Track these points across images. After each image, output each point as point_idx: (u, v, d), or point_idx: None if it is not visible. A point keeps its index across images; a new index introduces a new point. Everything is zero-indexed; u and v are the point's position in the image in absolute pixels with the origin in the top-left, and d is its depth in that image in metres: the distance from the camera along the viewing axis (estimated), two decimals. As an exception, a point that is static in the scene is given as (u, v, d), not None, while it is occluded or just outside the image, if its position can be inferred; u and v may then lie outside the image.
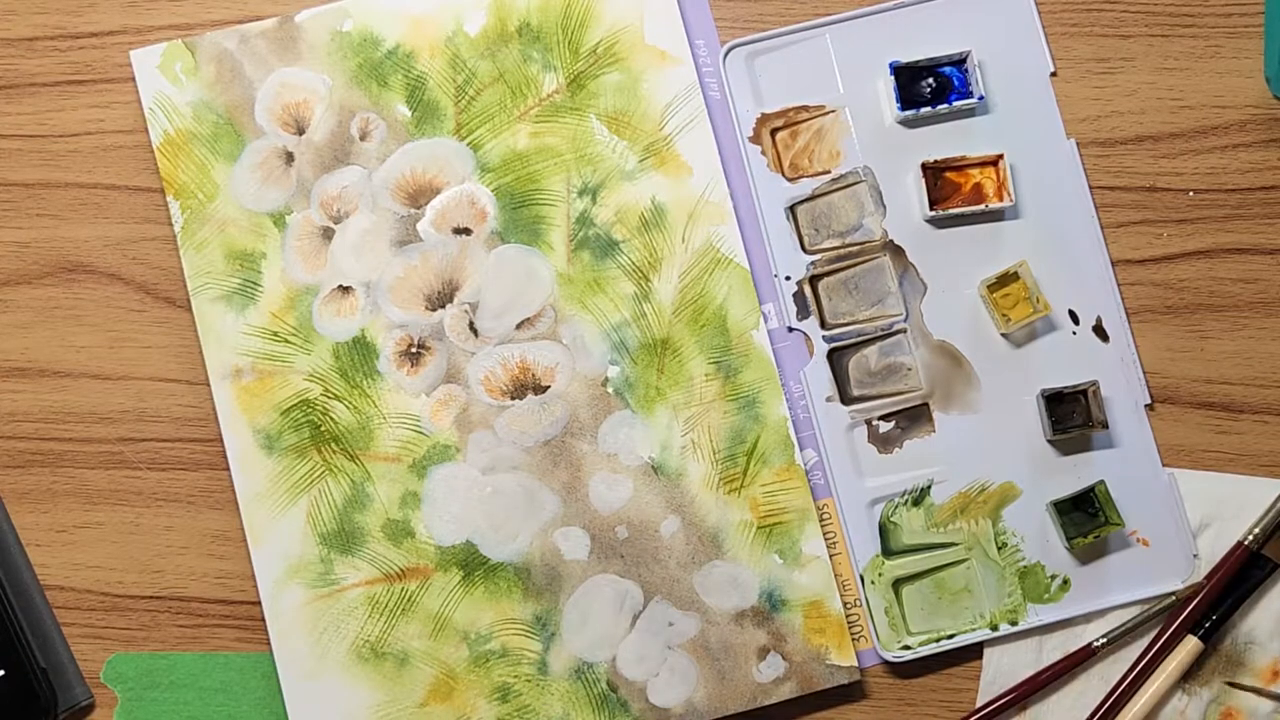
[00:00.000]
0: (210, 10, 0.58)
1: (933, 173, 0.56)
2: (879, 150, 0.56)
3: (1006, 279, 0.55)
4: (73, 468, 0.56)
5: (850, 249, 0.56)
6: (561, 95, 0.56)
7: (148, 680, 0.55)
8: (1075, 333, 0.56)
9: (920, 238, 0.56)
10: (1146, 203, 0.57)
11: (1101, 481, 0.54)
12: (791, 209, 0.56)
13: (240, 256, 0.56)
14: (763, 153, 0.56)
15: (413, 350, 0.55)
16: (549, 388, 0.55)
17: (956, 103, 0.56)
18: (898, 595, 0.54)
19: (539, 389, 0.55)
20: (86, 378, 0.56)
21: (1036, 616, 0.54)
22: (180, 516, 0.56)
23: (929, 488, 0.55)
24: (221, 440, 0.55)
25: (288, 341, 0.55)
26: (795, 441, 0.55)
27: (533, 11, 0.56)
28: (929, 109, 0.56)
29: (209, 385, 0.55)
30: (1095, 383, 0.54)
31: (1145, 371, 0.56)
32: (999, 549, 0.55)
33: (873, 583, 0.54)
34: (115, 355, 0.56)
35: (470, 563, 0.54)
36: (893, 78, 0.55)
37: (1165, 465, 0.55)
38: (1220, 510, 0.55)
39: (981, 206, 0.55)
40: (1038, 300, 0.54)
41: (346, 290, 0.56)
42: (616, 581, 0.54)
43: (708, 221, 0.56)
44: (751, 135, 0.57)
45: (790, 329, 0.56)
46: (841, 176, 0.56)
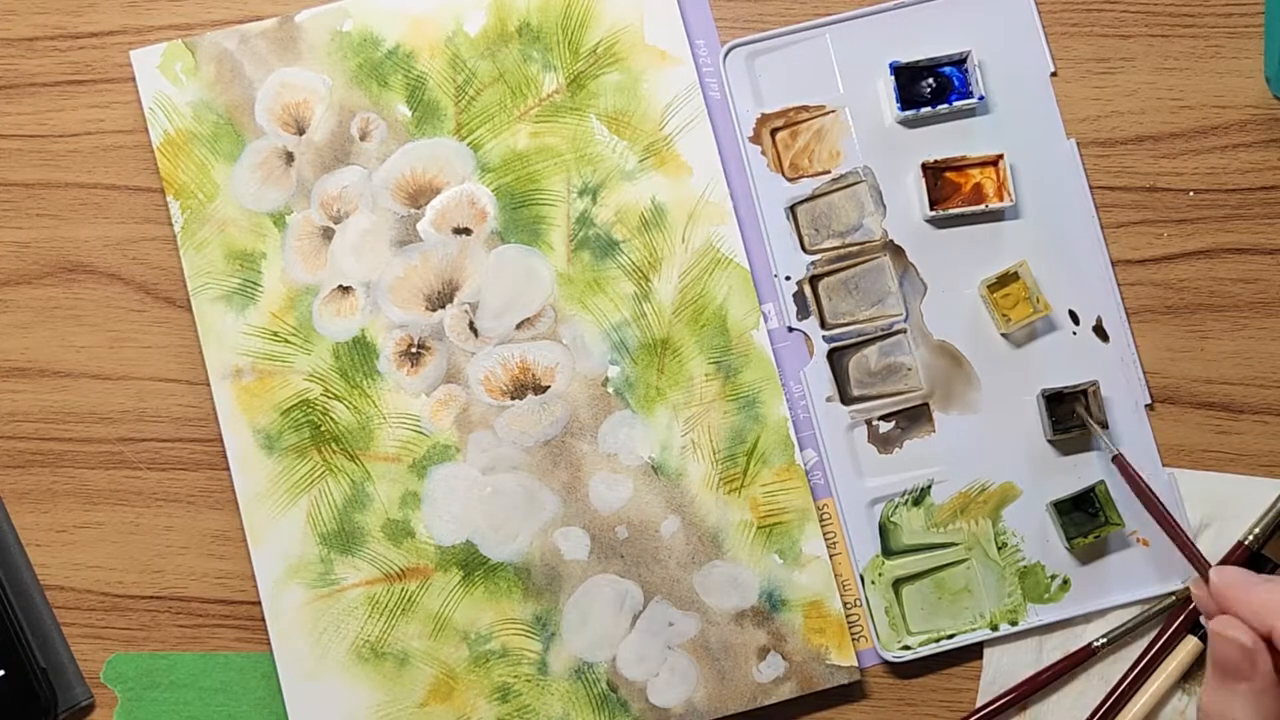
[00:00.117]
0: (210, 10, 0.58)
1: (933, 173, 0.56)
2: (879, 150, 0.56)
3: (1006, 279, 0.55)
4: (73, 468, 0.56)
5: (850, 249, 0.56)
6: (561, 95, 0.56)
7: (148, 680, 0.55)
8: (1075, 333, 0.56)
9: (920, 238, 0.56)
10: (1146, 203, 0.56)
11: (1101, 481, 0.54)
12: (791, 209, 0.56)
13: (240, 256, 0.56)
14: (763, 153, 0.56)
15: (413, 350, 0.55)
16: (549, 388, 0.55)
17: (956, 103, 0.56)
18: (898, 595, 0.54)
19: (539, 389, 0.55)
20: (86, 378, 0.56)
21: (1036, 616, 0.54)
22: (180, 516, 0.56)
23: (929, 488, 0.55)
24: (221, 440, 0.55)
25: (288, 341, 0.55)
26: (795, 441, 0.55)
27: (533, 11, 0.56)
28: (929, 109, 0.56)
29: (209, 385, 0.55)
30: (1095, 383, 0.54)
31: (1145, 371, 0.56)
32: (999, 549, 0.55)
33: (873, 583, 0.54)
34: (115, 355, 0.56)
35: (470, 563, 0.54)
36: (893, 78, 0.55)
37: (1165, 465, 0.55)
38: (1220, 510, 0.55)
39: (981, 206, 0.55)
40: (1038, 300, 0.54)
41: (346, 290, 0.56)
42: (616, 581, 0.54)
43: (708, 221, 0.56)
44: (751, 135, 0.57)
45: (790, 329, 0.56)
46: (841, 176, 0.56)
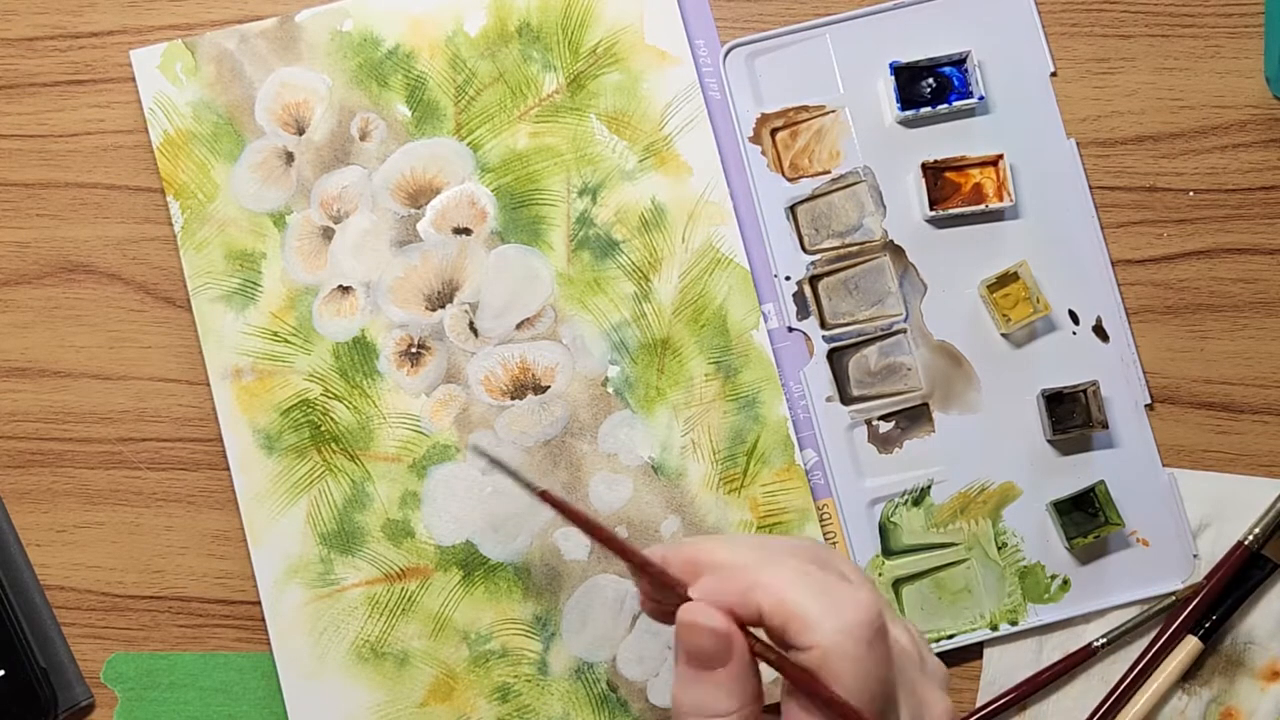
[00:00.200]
0: (210, 10, 0.58)
1: (933, 173, 0.56)
2: (879, 150, 0.56)
3: (1006, 279, 0.55)
4: (73, 468, 0.56)
5: (850, 249, 0.56)
6: (561, 95, 0.56)
7: (148, 680, 0.55)
8: (1075, 333, 0.56)
9: (920, 238, 0.56)
10: (1146, 203, 0.56)
11: (1101, 481, 0.54)
12: (791, 209, 0.56)
13: (240, 256, 0.56)
14: (763, 153, 0.56)
15: (413, 350, 0.55)
16: (549, 388, 0.55)
17: (956, 103, 0.56)
18: (898, 595, 0.54)
19: (539, 389, 0.55)
20: (86, 378, 0.56)
21: (1036, 616, 0.54)
22: (180, 516, 0.56)
23: (929, 488, 0.55)
24: (221, 440, 0.55)
25: (288, 341, 0.55)
26: (795, 441, 0.55)
27: (533, 11, 0.56)
28: (929, 109, 0.56)
29: (209, 385, 0.55)
30: (1095, 383, 0.54)
31: (1145, 371, 0.56)
32: (999, 549, 0.55)
33: (873, 583, 0.54)
34: (115, 355, 0.56)
35: (470, 563, 0.54)
36: (893, 78, 0.55)
37: (1165, 465, 0.55)
38: (1220, 510, 0.55)
39: (981, 206, 0.55)
40: (1038, 300, 0.54)
41: (346, 290, 0.56)
42: (617, 582, 0.54)
43: (708, 221, 0.56)
44: (751, 135, 0.57)
45: (790, 329, 0.56)
46: (841, 176, 0.56)
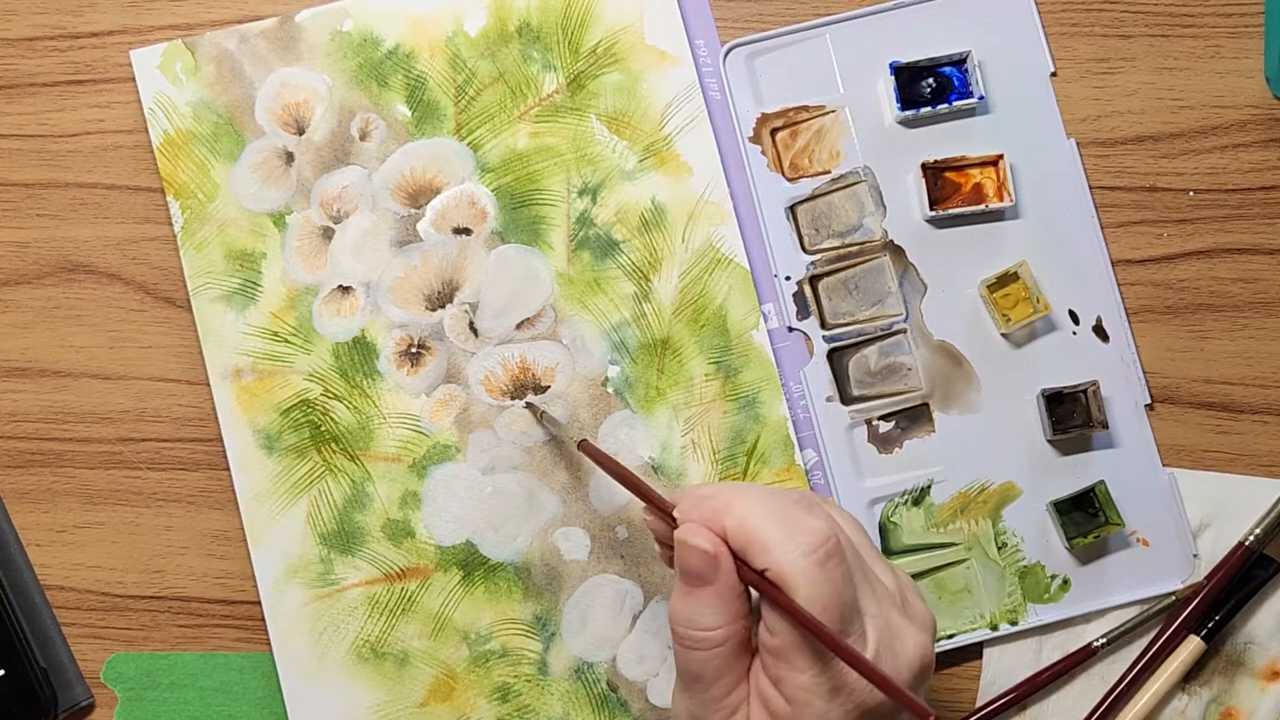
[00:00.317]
0: (210, 10, 0.58)
1: (933, 173, 0.56)
2: (879, 150, 0.56)
3: (1006, 279, 0.55)
4: (73, 468, 0.56)
5: (850, 249, 0.56)
6: (561, 95, 0.56)
7: (148, 680, 0.55)
8: (1075, 333, 0.56)
9: (920, 238, 0.56)
10: (1146, 203, 0.56)
11: (1101, 481, 0.54)
12: (791, 209, 0.56)
13: (240, 256, 0.56)
14: (763, 153, 0.56)
15: (413, 350, 0.55)
16: (549, 388, 0.55)
17: (956, 103, 0.56)
18: (898, 595, 0.54)
19: (539, 389, 0.55)
20: (86, 378, 0.56)
21: (1036, 616, 0.54)
22: (180, 516, 0.56)
23: (929, 488, 0.55)
24: (221, 440, 0.55)
25: (288, 341, 0.55)
26: (795, 441, 0.55)
27: (533, 11, 0.56)
28: (929, 109, 0.56)
29: (209, 385, 0.55)
30: (1095, 383, 0.54)
31: (1145, 371, 0.56)
32: (999, 549, 0.55)
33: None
34: (115, 355, 0.56)
35: (470, 563, 0.54)
36: (893, 78, 0.55)
37: (1165, 465, 0.55)
38: (1220, 510, 0.55)
39: (981, 206, 0.55)
40: (1038, 300, 0.54)
41: (346, 290, 0.56)
42: (616, 581, 0.54)
43: (708, 221, 0.56)
44: (751, 135, 0.57)
45: (790, 329, 0.56)
46: (841, 176, 0.56)
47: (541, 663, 0.54)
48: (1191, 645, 0.53)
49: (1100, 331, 0.56)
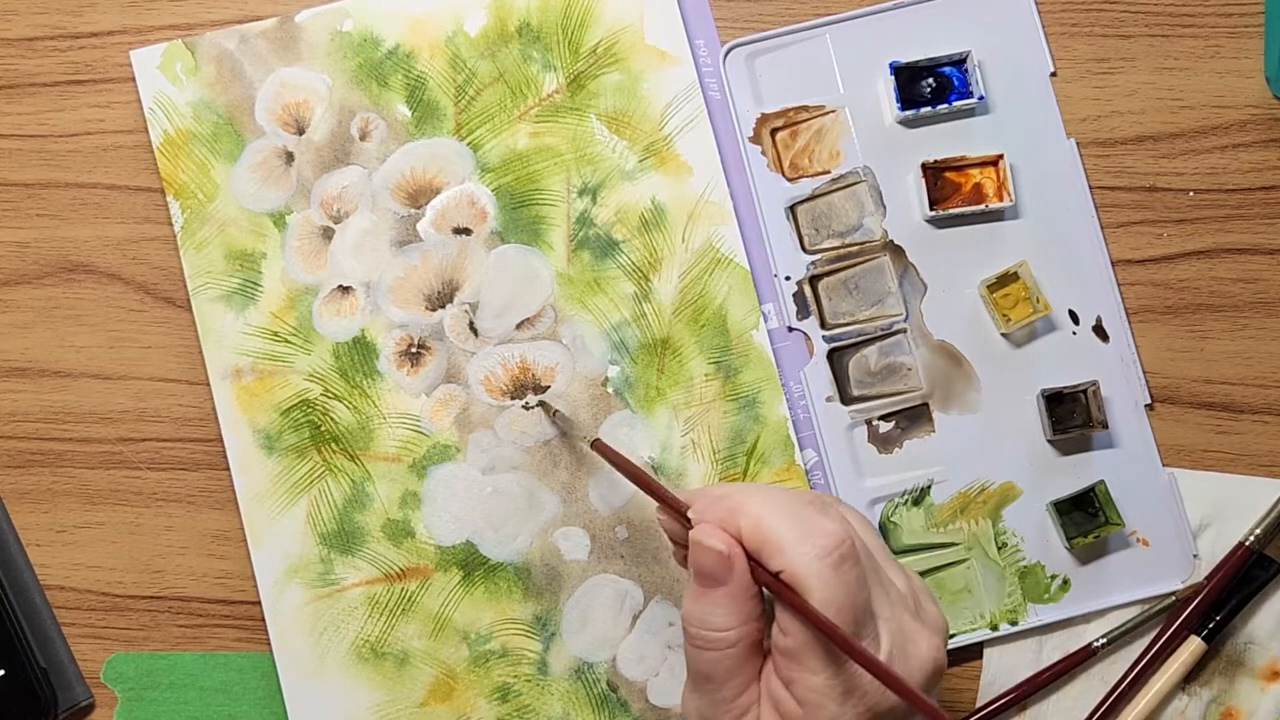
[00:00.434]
0: (210, 10, 0.58)
1: (933, 173, 0.56)
2: (879, 150, 0.56)
3: (1006, 279, 0.55)
4: (73, 468, 0.56)
5: (850, 249, 0.56)
6: (561, 95, 0.56)
7: (148, 680, 0.55)
8: (1075, 333, 0.56)
9: (920, 238, 0.56)
10: (1146, 203, 0.56)
11: (1101, 481, 0.54)
12: (791, 209, 0.56)
13: (240, 256, 0.56)
14: (763, 153, 0.56)
15: (413, 350, 0.55)
16: (549, 388, 0.55)
17: (956, 103, 0.56)
18: (898, 595, 0.54)
19: (539, 389, 0.55)
20: (86, 378, 0.56)
21: (1036, 616, 0.54)
22: (180, 516, 0.56)
23: (929, 488, 0.55)
24: (221, 440, 0.55)
25: (288, 341, 0.55)
26: (795, 441, 0.55)
27: (533, 11, 0.56)
28: (929, 109, 0.56)
29: (209, 385, 0.55)
30: (1095, 383, 0.54)
31: (1145, 371, 0.56)
32: (999, 549, 0.55)
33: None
34: (115, 355, 0.56)
35: (470, 563, 0.54)
36: (893, 78, 0.55)
37: (1165, 465, 0.55)
38: (1220, 510, 0.55)
39: (981, 206, 0.55)
40: (1038, 300, 0.54)
41: (346, 290, 0.56)
42: (616, 581, 0.54)
43: (708, 221, 0.56)
44: (751, 135, 0.57)
45: (790, 329, 0.56)
46: (841, 176, 0.56)
47: (541, 663, 0.54)
48: (1192, 645, 0.53)
49: (1100, 331, 0.56)
